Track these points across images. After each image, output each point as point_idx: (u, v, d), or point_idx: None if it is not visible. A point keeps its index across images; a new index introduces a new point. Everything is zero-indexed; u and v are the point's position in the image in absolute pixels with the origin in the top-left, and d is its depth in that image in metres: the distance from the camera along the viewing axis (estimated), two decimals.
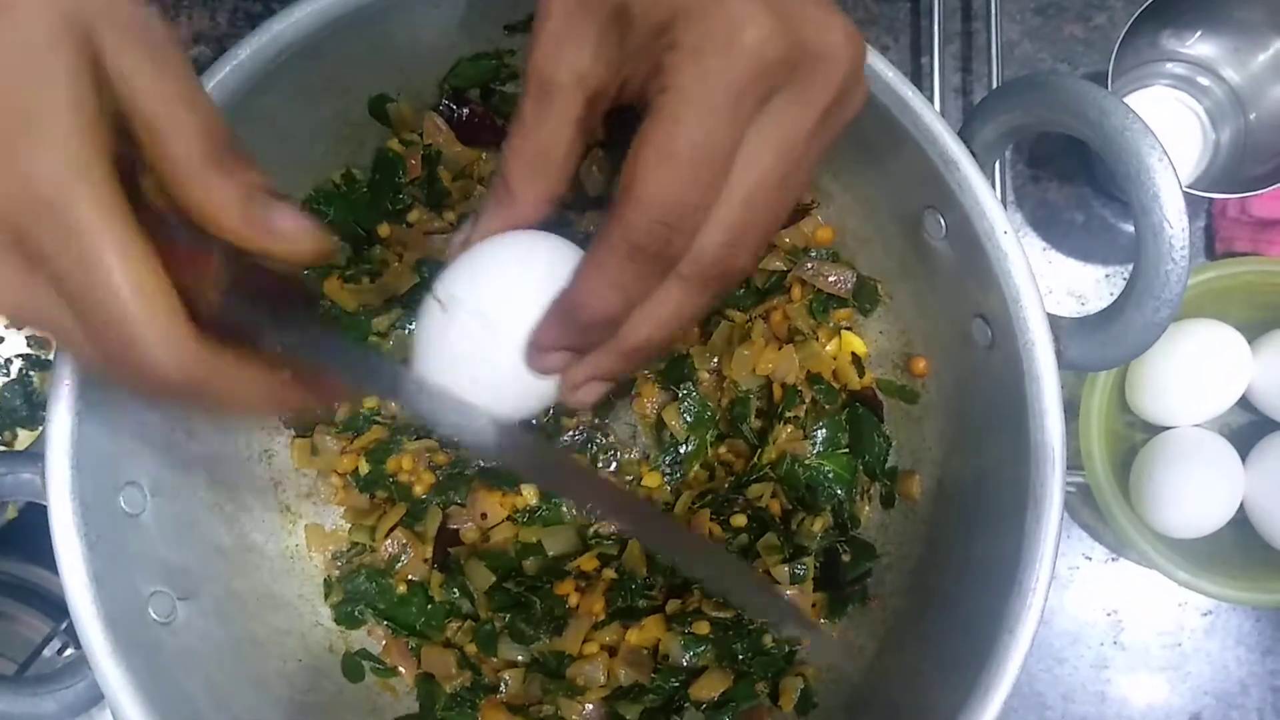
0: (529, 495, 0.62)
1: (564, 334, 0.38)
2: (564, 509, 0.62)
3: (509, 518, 0.62)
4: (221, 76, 0.48)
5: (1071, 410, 0.69)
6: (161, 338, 0.32)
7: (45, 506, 0.48)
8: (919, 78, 0.73)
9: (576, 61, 0.36)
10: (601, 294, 0.36)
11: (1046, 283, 0.74)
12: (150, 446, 0.53)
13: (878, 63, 0.48)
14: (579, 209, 0.58)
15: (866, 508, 0.61)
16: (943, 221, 0.50)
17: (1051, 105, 0.46)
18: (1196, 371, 0.65)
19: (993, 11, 0.70)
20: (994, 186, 0.69)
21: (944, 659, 0.52)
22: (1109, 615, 0.73)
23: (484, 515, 0.62)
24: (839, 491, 0.60)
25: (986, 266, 0.48)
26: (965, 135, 0.49)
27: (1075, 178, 0.74)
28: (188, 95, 0.33)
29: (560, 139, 0.37)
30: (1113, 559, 0.73)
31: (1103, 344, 0.47)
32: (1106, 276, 0.73)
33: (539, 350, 0.38)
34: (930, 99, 0.69)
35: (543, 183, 0.38)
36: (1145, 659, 0.73)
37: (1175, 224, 0.44)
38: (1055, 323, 0.48)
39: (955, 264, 0.51)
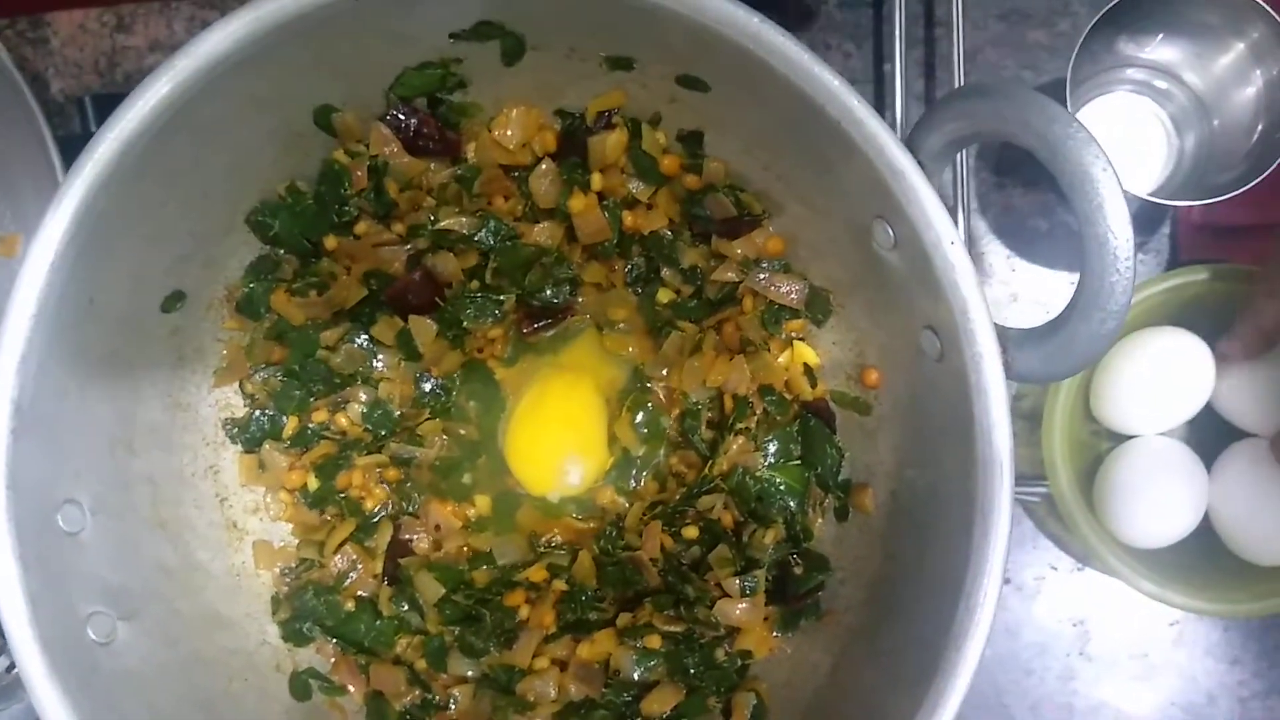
0: (482, 506, 0.61)
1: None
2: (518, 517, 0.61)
3: (462, 527, 0.61)
4: (159, 87, 0.46)
5: (1035, 419, 0.68)
6: None
7: None
8: (882, 84, 0.73)
9: None
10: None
11: (1011, 290, 0.73)
12: (91, 464, 0.52)
13: (823, 72, 0.47)
14: None
15: (819, 520, 0.60)
16: (891, 232, 0.49)
17: (996, 114, 0.45)
18: (1160, 380, 0.65)
19: (956, 18, 0.69)
20: (957, 193, 0.69)
21: (897, 674, 0.51)
22: (1076, 626, 0.72)
23: (437, 527, 0.61)
24: (791, 503, 0.59)
25: (934, 277, 0.47)
26: (912, 145, 0.48)
27: (1039, 184, 0.73)
28: None
29: None
30: (1079, 569, 0.72)
31: (1050, 356, 0.46)
32: (1071, 284, 0.72)
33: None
34: (893, 105, 0.68)
35: None
36: (1113, 670, 0.72)
37: (1120, 234, 0.43)
38: (1003, 334, 0.47)
39: (905, 274, 0.50)
